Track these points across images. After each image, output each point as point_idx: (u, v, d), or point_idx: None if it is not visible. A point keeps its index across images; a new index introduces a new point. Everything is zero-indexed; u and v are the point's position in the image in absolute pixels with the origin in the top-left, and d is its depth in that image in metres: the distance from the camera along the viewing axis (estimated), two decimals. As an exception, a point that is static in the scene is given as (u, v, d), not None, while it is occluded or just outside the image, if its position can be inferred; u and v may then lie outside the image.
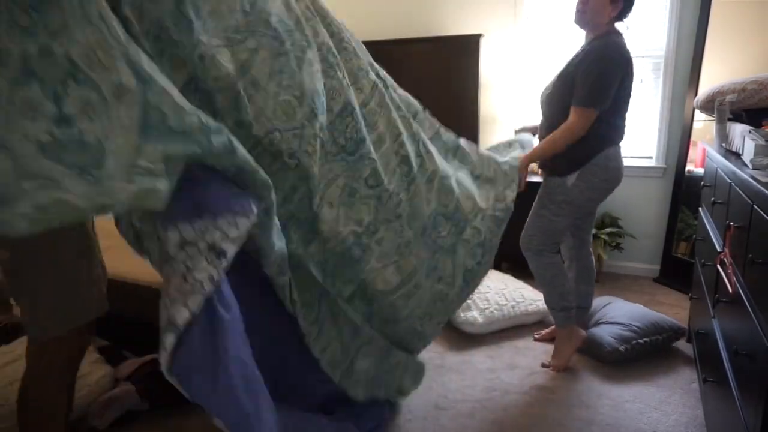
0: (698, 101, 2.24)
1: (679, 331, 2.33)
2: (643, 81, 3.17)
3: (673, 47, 3.03)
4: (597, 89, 1.90)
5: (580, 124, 1.93)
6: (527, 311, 2.56)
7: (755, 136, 1.44)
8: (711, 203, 1.82)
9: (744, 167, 1.41)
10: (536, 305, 2.59)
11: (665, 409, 1.92)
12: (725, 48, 2.85)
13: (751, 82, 1.77)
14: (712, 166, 1.96)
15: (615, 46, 1.93)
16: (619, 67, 1.91)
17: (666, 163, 3.17)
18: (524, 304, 2.58)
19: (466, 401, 1.99)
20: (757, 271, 1.10)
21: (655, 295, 2.99)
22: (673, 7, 2.99)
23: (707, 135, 2.94)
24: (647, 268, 3.31)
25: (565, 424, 1.85)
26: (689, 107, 3.00)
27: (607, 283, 3.21)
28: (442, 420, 1.88)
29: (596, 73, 1.89)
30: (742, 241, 1.25)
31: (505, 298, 2.58)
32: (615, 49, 1.92)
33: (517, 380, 2.13)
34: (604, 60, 1.90)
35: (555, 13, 3.31)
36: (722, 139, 1.91)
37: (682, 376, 2.14)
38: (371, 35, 3.77)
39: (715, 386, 1.48)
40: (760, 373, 1.02)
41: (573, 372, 2.19)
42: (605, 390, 2.05)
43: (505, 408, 1.95)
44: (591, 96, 1.90)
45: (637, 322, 2.28)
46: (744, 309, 1.16)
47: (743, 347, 1.15)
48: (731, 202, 1.48)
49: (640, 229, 3.28)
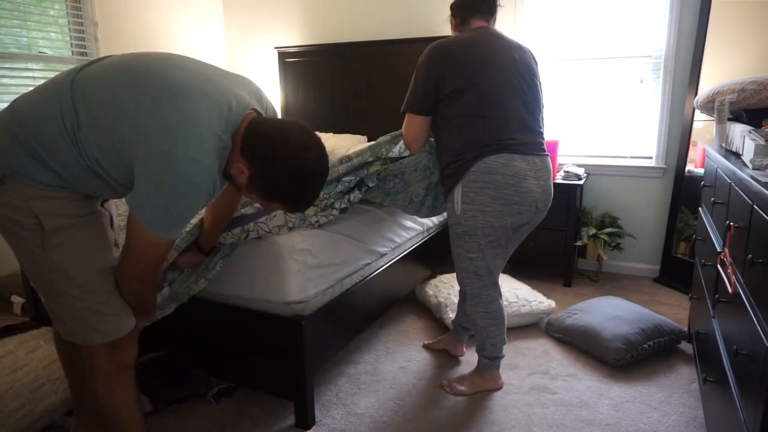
0: (698, 101, 2.24)
1: (681, 334, 2.33)
2: (643, 81, 3.18)
3: (673, 47, 3.03)
4: (409, 92, 1.90)
5: (404, 129, 1.93)
6: (520, 312, 2.55)
7: (755, 136, 1.44)
8: (711, 203, 1.82)
9: (744, 167, 1.41)
10: (530, 306, 2.58)
11: (665, 409, 1.92)
12: (725, 48, 2.85)
13: (751, 82, 1.76)
14: (712, 166, 1.96)
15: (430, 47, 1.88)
16: (428, 64, 1.85)
17: (666, 163, 3.18)
18: (518, 304, 2.57)
19: (466, 401, 1.99)
20: (757, 271, 1.09)
21: (655, 295, 2.99)
22: (673, 7, 2.99)
23: (707, 135, 2.95)
24: (647, 268, 3.31)
25: (565, 424, 1.85)
26: (689, 107, 3.00)
27: (607, 283, 3.21)
28: (442, 420, 1.88)
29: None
30: (742, 241, 1.25)
31: (499, 299, 2.58)
32: (428, 50, 1.88)
33: (517, 380, 2.13)
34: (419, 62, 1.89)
35: (555, 13, 3.31)
36: (722, 139, 1.91)
37: (682, 376, 2.14)
38: (371, 35, 3.78)
39: (715, 386, 1.48)
40: (760, 373, 1.02)
41: (573, 372, 2.19)
42: (605, 390, 2.05)
43: (505, 408, 1.95)
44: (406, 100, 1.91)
45: (642, 324, 2.28)
46: (744, 309, 1.16)
47: (743, 347, 1.15)
48: (731, 202, 1.48)
49: (640, 229, 3.28)
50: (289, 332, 1.74)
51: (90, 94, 1.18)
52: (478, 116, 1.78)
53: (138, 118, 1.13)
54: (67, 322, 1.33)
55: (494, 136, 1.77)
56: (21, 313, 2.69)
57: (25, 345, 1.92)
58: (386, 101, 3.77)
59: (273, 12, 4.17)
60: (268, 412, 1.92)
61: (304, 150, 1.21)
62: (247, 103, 1.26)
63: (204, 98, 1.17)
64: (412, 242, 2.58)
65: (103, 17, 3.36)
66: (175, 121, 1.13)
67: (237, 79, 1.31)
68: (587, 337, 2.31)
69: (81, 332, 1.33)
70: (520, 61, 1.86)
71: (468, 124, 1.79)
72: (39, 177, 1.19)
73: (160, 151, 1.11)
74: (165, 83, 1.17)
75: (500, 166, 1.76)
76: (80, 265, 1.26)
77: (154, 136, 1.12)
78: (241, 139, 1.21)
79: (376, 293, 2.26)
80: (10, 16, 2.94)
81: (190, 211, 1.19)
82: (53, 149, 1.18)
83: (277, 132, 1.21)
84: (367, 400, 2.00)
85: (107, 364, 1.37)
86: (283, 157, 1.19)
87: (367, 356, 2.34)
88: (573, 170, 3.13)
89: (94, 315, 1.30)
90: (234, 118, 1.21)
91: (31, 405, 1.70)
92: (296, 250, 1.75)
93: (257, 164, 1.21)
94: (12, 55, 2.97)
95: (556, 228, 3.07)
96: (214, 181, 1.19)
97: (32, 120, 1.18)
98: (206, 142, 1.14)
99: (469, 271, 1.92)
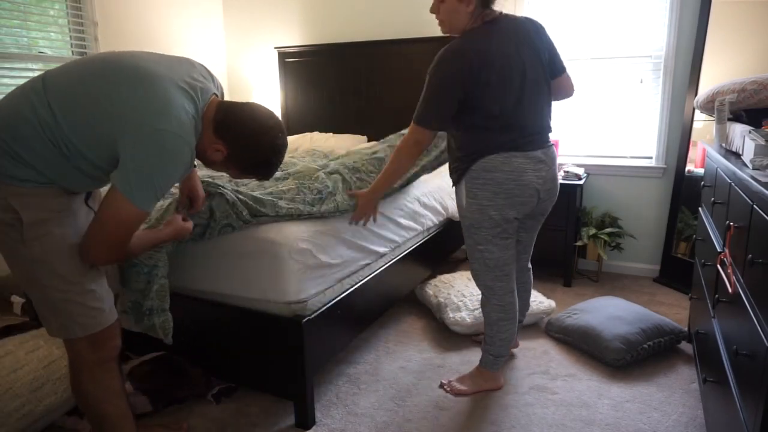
0: (698, 101, 2.24)
1: (681, 334, 2.33)
2: (643, 81, 3.18)
3: (673, 47, 3.03)
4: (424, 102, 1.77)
5: (412, 142, 1.84)
6: (520, 312, 2.55)
7: (755, 136, 1.44)
8: (711, 203, 1.82)
9: (744, 167, 1.41)
10: (530, 306, 2.56)
11: (665, 409, 1.92)
12: (725, 48, 2.85)
13: (751, 82, 1.76)
14: (712, 166, 1.96)
15: (444, 51, 1.73)
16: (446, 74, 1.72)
17: (666, 163, 3.17)
18: (519, 304, 2.57)
19: (466, 401, 1.99)
20: (757, 271, 1.09)
21: (655, 295, 2.99)
22: (673, 7, 2.99)
23: (707, 135, 2.95)
24: (647, 268, 3.31)
25: (565, 424, 1.85)
26: (689, 107, 3.00)
27: (607, 283, 3.21)
28: (442, 420, 1.88)
29: (424, 85, 1.77)
30: (742, 241, 1.25)
31: (499, 299, 2.57)
32: (442, 54, 1.73)
33: (517, 380, 2.13)
34: (431, 70, 1.75)
35: (555, 13, 3.31)
36: (722, 139, 1.90)
37: (682, 376, 2.14)
38: (371, 35, 3.77)
39: (715, 386, 1.48)
40: (760, 373, 1.02)
41: (573, 372, 2.19)
42: (605, 390, 2.05)
43: (505, 408, 1.95)
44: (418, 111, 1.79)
45: (642, 324, 2.28)
46: (744, 309, 1.16)
47: (743, 347, 1.15)
48: (731, 202, 1.48)
49: (640, 229, 3.28)
50: (289, 332, 1.74)
51: (63, 86, 1.25)
52: (493, 126, 1.78)
53: (119, 102, 1.22)
54: (51, 318, 1.36)
55: (501, 140, 1.79)
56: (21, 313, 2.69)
57: (25, 345, 1.91)
58: (386, 101, 3.76)
59: (273, 12, 4.16)
60: (268, 412, 1.92)
61: (272, 128, 1.41)
62: (209, 87, 1.39)
63: (173, 84, 1.28)
64: (412, 242, 2.58)
65: (103, 17, 3.36)
66: (160, 102, 1.23)
67: (189, 64, 1.41)
68: (587, 337, 2.31)
69: (63, 326, 1.36)
70: (530, 54, 1.79)
71: (479, 130, 1.80)
72: (16, 174, 1.24)
73: (152, 130, 1.21)
74: (136, 69, 1.27)
75: (499, 163, 1.78)
76: (59, 258, 1.29)
77: (143, 116, 1.21)
78: (213, 122, 1.36)
79: (376, 293, 2.26)
80: (10, 16, 2.94)
81: (169, 185, 1.29)
82: (28, 146, 1.23)
83: (247, 114, 1.39)
84: (367, 400, 2.00)
85: (89, 357, 1.41)
86: (258, 136, 1.39)
87: (367, 356, 2.34)
88: (573, 170, 3.13)
89: (75, 307, 1.34)
90: (200, 103, 1.34)
91: (31, 405, 1.70)
92: (296, 250, 1.75)
93: (235, 144, 1.38)
94: (12, 55, 2.97)
95: (556, 228, 3.06)
96: (192, 156, 1.32)
97: (5, 120, 1.24)
98: (186, 123, 1.27)
99: (480, 263, 1.94)
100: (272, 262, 1.74)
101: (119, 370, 1.51)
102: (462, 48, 1.72)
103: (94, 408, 1.46)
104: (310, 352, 1.76)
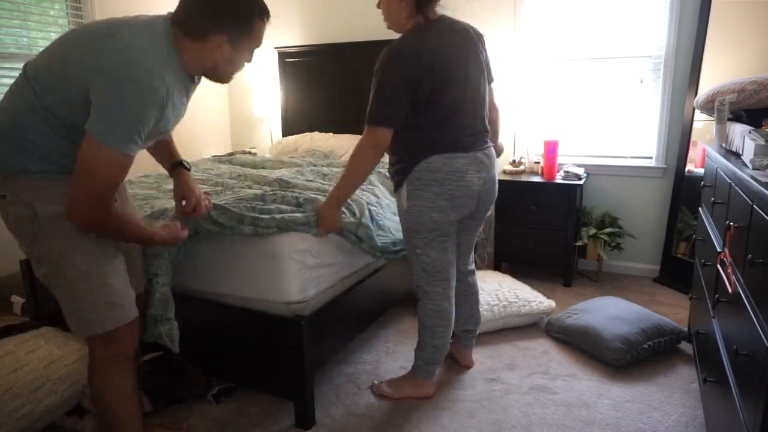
0: (698, 101, 2.24)
1: (681, 334, 2.33)
2: (643, 81, 3.18)
3: (673, 47, 3.03)
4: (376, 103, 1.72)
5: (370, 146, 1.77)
6: (520, 312, 2.55)
7: (755, 136, 1.44)
8: (711, 203, 1.82)
9: (744, 167, 1.41)
10: (530, 306, 2.58)
11: (665, 409, 1.92)
12: (725, 48, 2.85)
13: (751, 82, 1.76)
14: (712, 166, 1.96)
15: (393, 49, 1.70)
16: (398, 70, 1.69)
17: (666, 163, 3.17)
18: (517, 304, 2.56)
19: (466, 401, 1.99)
20: (757, 271, 1.09)
21: (655, 295, 2.99)
22: (673, 7, 2.99)
23: (707, 135, 2.94)
24: (647, 268, 3.31)
25: (565, 424, 1.85)
26: (689, 107, 3.00)
27: (607, 283, 3.21)
28: (442, 420, 1.88)
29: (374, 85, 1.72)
30: (742, 241, 1.25)
31: (497, 299, 2.57)
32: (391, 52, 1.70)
33: (517, 380, 2.13)
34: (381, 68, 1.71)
35: (555, 13, 3.31)
36: (722, 139, 1.90)
37: (682, 376, 2.14)
38: (371, 35, 3.77)
39: (715, 386, 1.48)
40: (760, 373, 1.02)
41: (573, 372, 2.19)
42: (605, 390, 2.05)
43: (505, 408, 1.95)
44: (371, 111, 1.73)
45: (642, 324, 2.28)
46: (744, 309, 1.16)
47: (743, 347, 1.15)
48: (731, 202, 1.48)
49: (640, 229, 3.28)
50: (289, 332, 1.74)
51: (39, 65, 1.27)
52: (437, 126, 1.76)
53: (85, 56, 1.21)
54: (70, 314, 1.37)
55: (444, 140, 1.78)
56: (21, 313, 2.69)
57: (25, 345, 1.92)
58: (386, 101, 3.76)
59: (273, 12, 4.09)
60: (268, 412, 1.92)
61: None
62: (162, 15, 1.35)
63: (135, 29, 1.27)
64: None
65: (103, 17, 3.33)
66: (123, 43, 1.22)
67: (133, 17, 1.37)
68: (587, 337, 2.31)
69: (83, 323, 1.36)
70: (472, 55, 1.83)
71: (425, 130, 1.77)
72: (27, 166, 1.26)
73: (115, 67, 1.18)
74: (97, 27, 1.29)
75: (441, 164, 1.77)
76: (77, 249, 1.30)
77: (109, 60, 1.19)
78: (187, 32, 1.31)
79: (376, 293, 2.26)
80: (10, 16, 2.94)
81: (143, 124, 1.23)
82: (27, 136, 1.25)
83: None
84: (367, 400, 2.00)
85: (103, 353, 1.41)
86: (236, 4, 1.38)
87: (367, 356, 2.34)
88: (573, 170, 3.12)
89: (93, 303, 1.34)
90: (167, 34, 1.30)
91: (31, 405, 1.70)
92: (296, 250, 1.75)
93: (226, 25, 1.34)
94: (12, 55, 2.97)
95: (556, 228, 3.06)
96: (167, 87, 1.25)
97: (3, 118, 1.27)
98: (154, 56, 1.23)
99: (416, 267, 1.91)
100: (272, 262, 1.74)
101: (133, 370, 1.50)
102: (411, 46, 1.71)
103: (104, 407, 1.46)
104: (310, 352, 1.76)
